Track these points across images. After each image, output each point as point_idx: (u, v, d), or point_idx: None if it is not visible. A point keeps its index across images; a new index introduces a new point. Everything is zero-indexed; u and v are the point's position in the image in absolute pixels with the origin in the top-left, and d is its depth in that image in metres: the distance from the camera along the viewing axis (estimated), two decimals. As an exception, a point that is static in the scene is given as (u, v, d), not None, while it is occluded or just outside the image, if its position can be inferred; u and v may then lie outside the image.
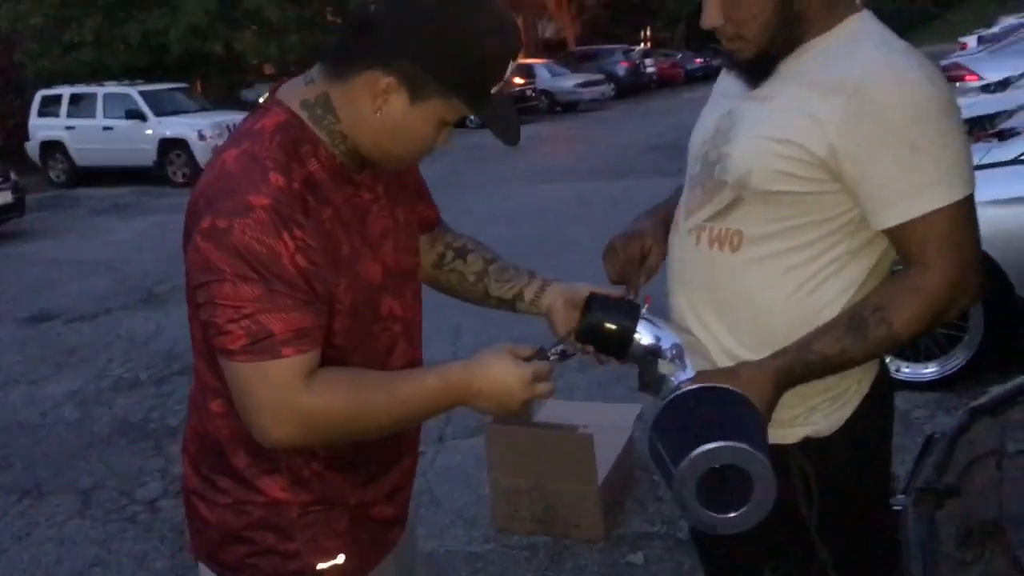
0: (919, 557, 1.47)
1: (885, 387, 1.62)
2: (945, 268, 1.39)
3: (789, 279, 1.45)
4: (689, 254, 1.57)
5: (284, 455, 1.37)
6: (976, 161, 4.11)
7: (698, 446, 1.22)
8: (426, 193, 1.69)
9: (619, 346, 1.44)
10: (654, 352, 1.42)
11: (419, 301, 1.55)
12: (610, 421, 3.57)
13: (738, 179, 1.46)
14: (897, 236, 1.40)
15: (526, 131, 15.11)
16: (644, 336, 1.43)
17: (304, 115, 1.32)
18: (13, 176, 11.90)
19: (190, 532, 1.52)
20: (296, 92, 1.34)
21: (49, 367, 5.81)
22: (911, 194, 1.36)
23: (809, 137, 1.38)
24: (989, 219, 3.88)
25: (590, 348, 1.47)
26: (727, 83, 1.59)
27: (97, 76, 18.37)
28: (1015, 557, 1.39)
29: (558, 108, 24.87)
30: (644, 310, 1.45)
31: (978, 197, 1.31)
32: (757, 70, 1.48)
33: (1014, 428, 1.79)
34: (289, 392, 1.22)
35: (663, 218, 1.70)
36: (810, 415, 1.52)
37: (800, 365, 1.40)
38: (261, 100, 1.42)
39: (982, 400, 2.01)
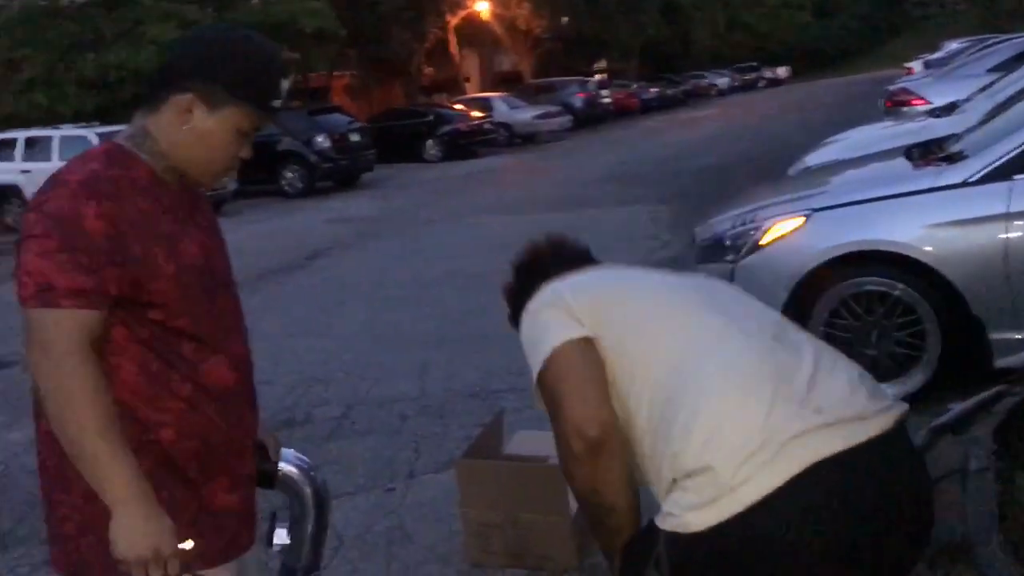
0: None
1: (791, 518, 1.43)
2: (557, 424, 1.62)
3: None
4: None
5: (126, 427, 1.51)
6: (928, 185, 4.25)
7: None
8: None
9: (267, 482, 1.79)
10: None
11: (240, 309, 1.80)
12: (580, 451, 3.57)
13: None
14: None
15: (485, 163, 15.38)
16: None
17: (127, 144, 1.63)
18: (-33, 221, 11.72)
19: (50, 539, 1.64)
20: (122, 134, 1.66)
21: (7, 415, 5.69)
22: None
23: None
24: (943, 240, 4.03)
25: None
26: None
27: (50, 119, 18.16)
28: (982, 575, 1.42)
29: (517, 140, 25.05)
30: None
31: (931, 219, 1.40)
32: None
33: (976, 445, 1.84)
34: (58, 337, 1.44)
35: None
36: (680, 503, 1.47)
37: None
38: None
39: (943, 419, 2.06)
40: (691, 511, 1.43)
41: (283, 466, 1.78)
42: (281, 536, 1.76)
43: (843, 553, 1.41)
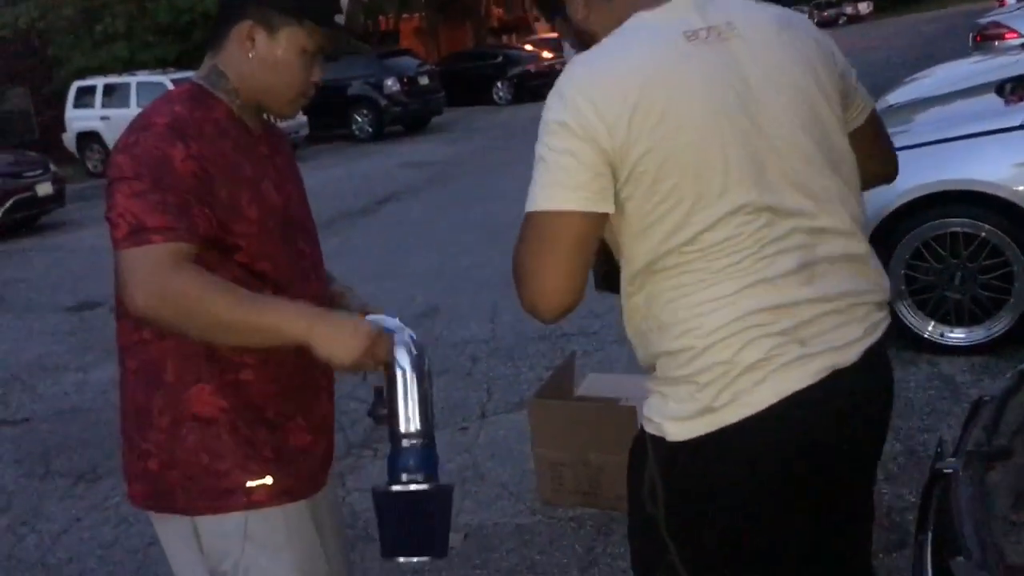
0: (971, 519, 1.46)
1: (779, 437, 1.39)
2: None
3: None
4: None
5: (207, 366, 1.57)
6: (1020, 121, 4.06)
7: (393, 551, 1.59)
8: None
9: None
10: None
11: (320, 254, 1.81)
12: (652, 393, 3.57)
13: None
14: None
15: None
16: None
17: (204, 84, 1.63)
18: (52, 167, 12.11)
19: (129, 477, 1.67)
20: (195, 75, 1.66)
21: (96, 354, 5.93)
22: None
23: None
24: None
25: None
26: None
27: (129, 69, 18.52)
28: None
29: (587, 82, 24.65)
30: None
31: (1022, 157, 1.30)
32: None
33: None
34: (156, 268, 1.43)
35: None
36: (661, 410, 1.42)
37: None
38: None
39: (1032, 362, 1.99)
40: (672, 421, 1.40)
41: (385, 328, 1.64)
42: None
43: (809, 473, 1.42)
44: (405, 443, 1.58)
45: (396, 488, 1.56)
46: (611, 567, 2.91)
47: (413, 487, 1.56)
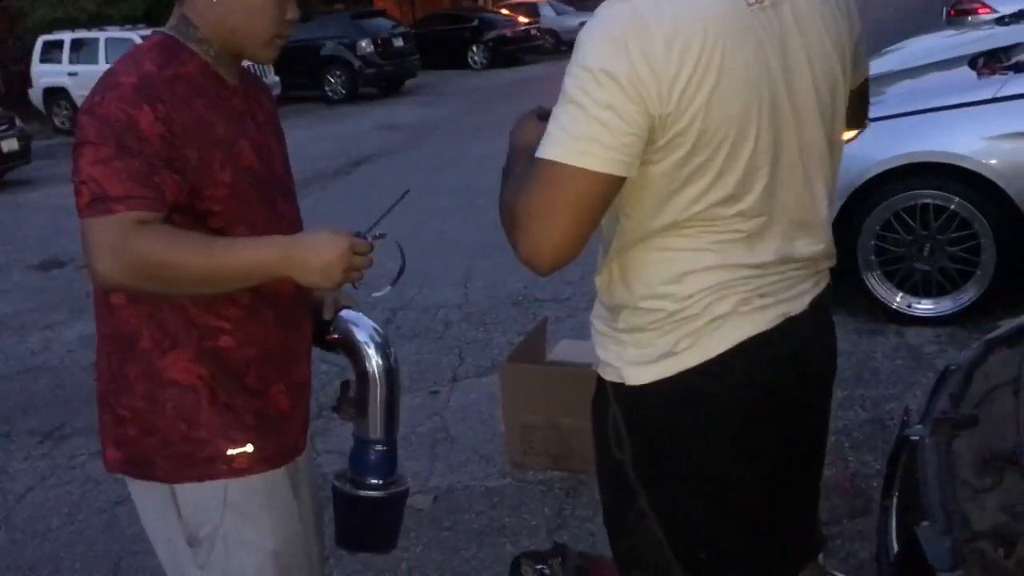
0: (936, 485, 1.49)
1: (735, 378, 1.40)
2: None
3: None
4: None
5: (185, 333, 1.53)
6: (991, 95, 4.09)
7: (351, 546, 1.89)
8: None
9: None
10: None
11: (299, 213, 1.76)
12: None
13: None
14: None
15: (530, 71, 15.10)
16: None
17: (175, 35, 1.55)
18: (18, 123, 11.87)
19: (104, 442, 1.64)
20: (166, 26, 1.57)
21: (63, 312, 5.85)
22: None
23: None
24: (1005, 152, 3.90)
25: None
26: None
27: (97, 23, 18.11)
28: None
29: (563, 48, 24.51)
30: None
31: (993, 130, 1.28)
32: None
33: (1030, 358, 1.81)
34: (118, 238, 1.38)
35: None
36: (620, 356, 1.43)
37: None
38: None
39: (998, 332, 2.02)
40: (631, 366, 1.42)
41: (357, 334, 1.75)
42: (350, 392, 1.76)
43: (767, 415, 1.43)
44: (369, 448, 1.74)
45: (356, 492, 1.73)
46: (580, 529, 2.94)
47: (372, 493, 1.73)
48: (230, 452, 1.58)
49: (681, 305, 1.37)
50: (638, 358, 1.41)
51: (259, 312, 1.58)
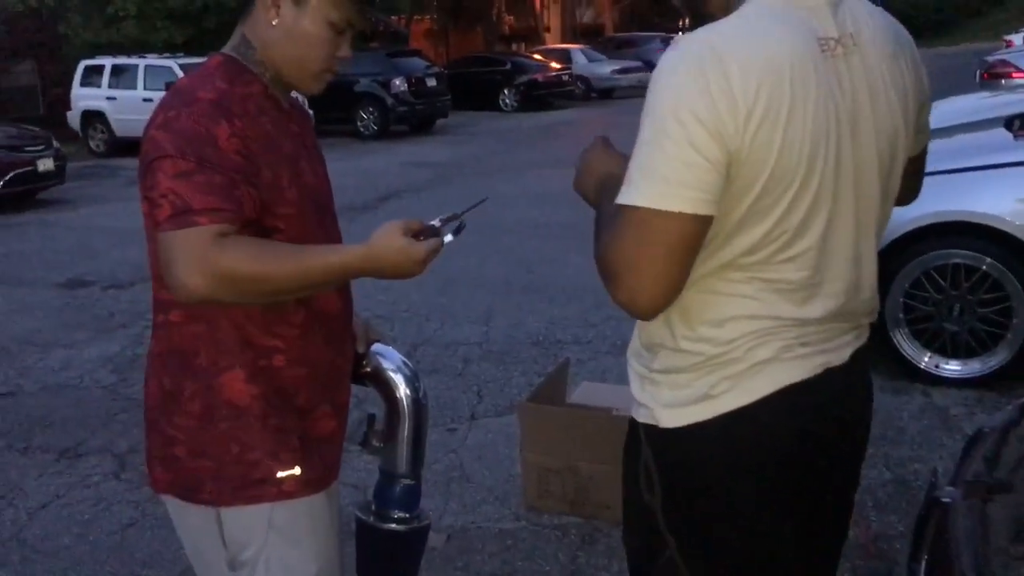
0: (970, 550, 1.44)
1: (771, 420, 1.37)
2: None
3: None
4: None
5: (240, 351, 1.52)
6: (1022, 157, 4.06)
7: None
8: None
9: None
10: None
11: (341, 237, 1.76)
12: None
13: None
14: None
15: (560, 116, 15.14)
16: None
17: (235, 56, 1.57)
18: (55, 144, 12.05)
19: (152, 462, 1.63)
20: (226, 47, 1.60)
21: (87, 332, 5.88)
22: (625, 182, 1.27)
23: None
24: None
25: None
26: None
27: (139, 50, 18.47)
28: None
29: (594, 94, 24.74)
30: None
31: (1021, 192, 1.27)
32: None
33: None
34: (203, 250, 1.37)
35: None
36: (655, 397, 1.40)
37: None
38: None
39: (1033, 396, 1.98)
40: (666, 408, 1.38)
41: (387, 366, 1.76)
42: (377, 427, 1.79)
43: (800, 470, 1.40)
44: (396, 482, 1.76)
45: (381, 526, 1.74)
46: (593, 578, 2.88)
47: (397, 527, 1.75)
48: (279, 475, 1.56)
49: (722, 349, 1.35)
50: (672, 400, 1.38)
51: (311, 331, 1.59)
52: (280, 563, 1.59)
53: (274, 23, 1.53)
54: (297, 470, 1.58)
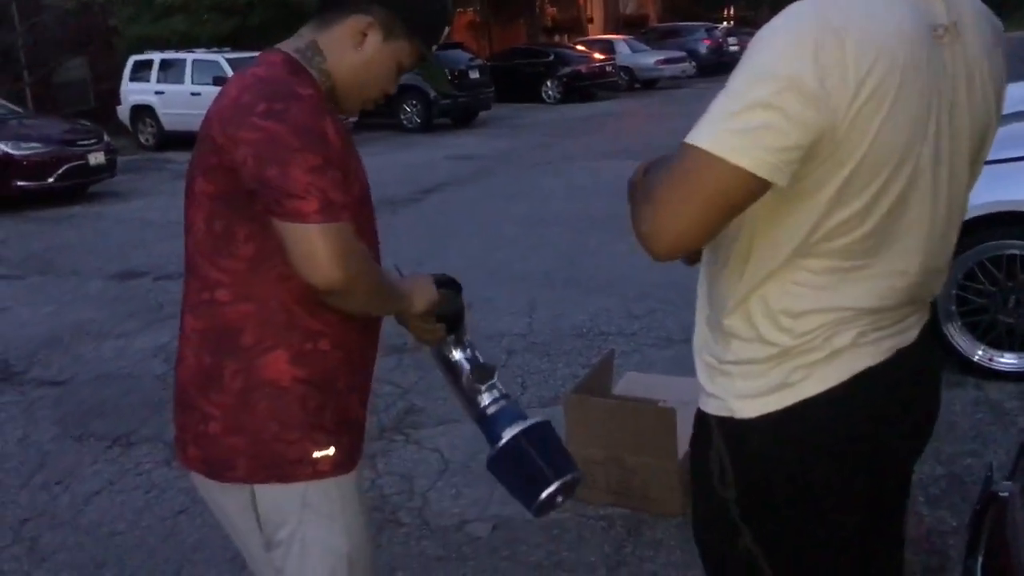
0: (1028, 543, 1.41)
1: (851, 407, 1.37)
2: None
3: None
4: None
5: (287, 332, 1.57)
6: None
7: (536, 498, 1.74)
8: None
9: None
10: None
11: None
12: (690, 396, 3.52)
13: None
14: None
15: (604, 107, 15.18)
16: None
17: (297, 57, 1.59)
18: (106, 138, 12.26)
19: (183, 441, 1.67)
20: (287, 45, 1.62)
21: (138, 322, 5.99)
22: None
23: None
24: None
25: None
26: None
27: (186, 44, 18.71)
28: None
29: (637, 85, 24.59)
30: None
31: None
32: None
33: None
34: (348, 244, 1.46)
35: None
36: (728, 388, 1.39)
37: None
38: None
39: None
40: (740, 399, 1.38)
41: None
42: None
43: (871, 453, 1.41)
44: (491, 408, 1.78)
45: (501, 443, 1.72)
46: (640, 568, 2.88)
47: (515, 431, 1.73)
48: (316, 455, 1.61)
49: (801, 340, 1.34)
50: (747, 391, 1.37)
51: (350, 316, 1.62)
52: (315, 540, 1.64)
53: (357, 49, 1.60)
54: (332, 450, 1.62)
